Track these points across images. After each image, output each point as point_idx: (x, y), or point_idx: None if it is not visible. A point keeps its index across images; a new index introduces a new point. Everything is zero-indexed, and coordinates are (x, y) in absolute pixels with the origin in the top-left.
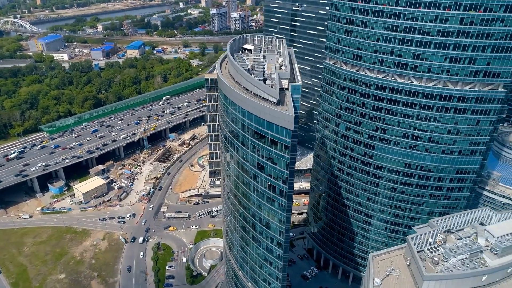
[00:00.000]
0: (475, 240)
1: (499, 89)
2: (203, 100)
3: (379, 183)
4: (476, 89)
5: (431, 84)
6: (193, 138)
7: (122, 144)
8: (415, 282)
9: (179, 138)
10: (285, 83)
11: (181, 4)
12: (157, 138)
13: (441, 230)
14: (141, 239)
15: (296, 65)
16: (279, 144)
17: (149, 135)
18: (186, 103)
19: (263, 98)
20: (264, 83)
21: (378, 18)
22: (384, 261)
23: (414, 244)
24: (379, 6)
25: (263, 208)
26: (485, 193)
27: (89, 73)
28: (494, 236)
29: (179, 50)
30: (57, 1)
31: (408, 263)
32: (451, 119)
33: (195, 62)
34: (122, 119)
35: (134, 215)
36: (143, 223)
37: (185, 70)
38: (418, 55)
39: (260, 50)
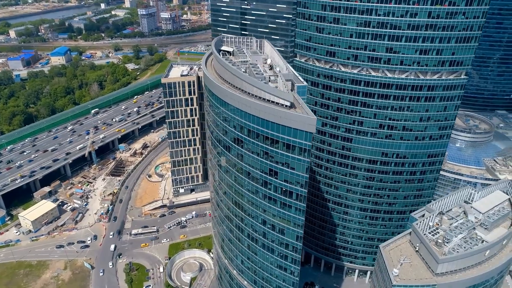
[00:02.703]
0: (465, 218)
1: (462, 76)
2: (154, 104)
3: (358, 174)
4: (443, 77)
5: (403, 76)
6: (145, 147)
7: (68, 161)
8: (428, 266)
9: (130, 148)
10: (287, 85)
11: (102, 5)
12: (105, 150)
13: (436, 213)
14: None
15: (289, 65)
16: (297, 148)
17: (97, 148)
18: (136, 108)
19: (272, 101)
20: None
21: (350, 15)
22: (394, 250)
23: (421, 230)
24: (351, 2)
25: (276, 215)
26: None
27: (10, 85)
28: (481, 212)
29: (110, 55)
30: None
31: (416, 249)
32: (422, 107)
33: (130, 66)
34: (63, 133)
35: (95, 237)
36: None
37: (121, 75)
38: (390, 48)
39: (244, 52)
